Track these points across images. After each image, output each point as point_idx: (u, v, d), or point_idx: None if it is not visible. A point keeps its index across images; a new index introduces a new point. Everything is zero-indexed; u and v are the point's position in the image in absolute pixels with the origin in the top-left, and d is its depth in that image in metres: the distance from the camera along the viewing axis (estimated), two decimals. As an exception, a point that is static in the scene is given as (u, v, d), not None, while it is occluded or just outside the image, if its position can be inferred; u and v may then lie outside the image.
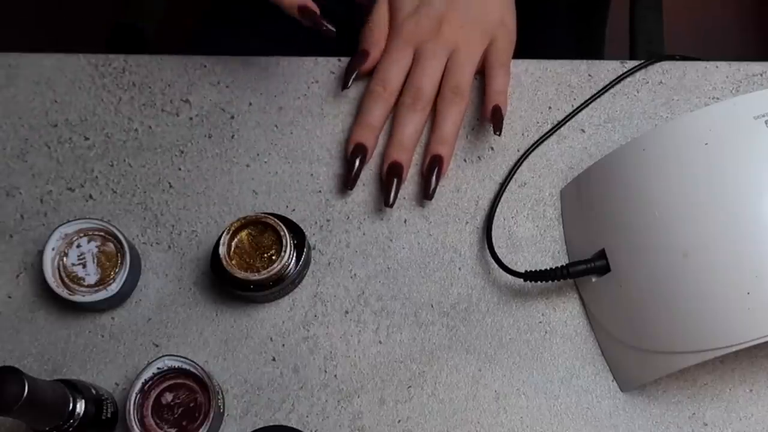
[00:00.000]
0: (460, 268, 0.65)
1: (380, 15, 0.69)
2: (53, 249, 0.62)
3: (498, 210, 0.65)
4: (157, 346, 0.64)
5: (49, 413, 0.54)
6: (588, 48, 0.96)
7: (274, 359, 0.63)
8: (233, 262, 0.60)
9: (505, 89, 0.66)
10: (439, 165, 0.65)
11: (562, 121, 0.68)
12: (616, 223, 0.60)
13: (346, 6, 0.79)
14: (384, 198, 0.65)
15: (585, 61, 0.70)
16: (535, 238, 0.65)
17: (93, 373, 0.63)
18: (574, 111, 0.68)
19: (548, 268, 0.61)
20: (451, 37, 0.67)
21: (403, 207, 0.66)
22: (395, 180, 0.65)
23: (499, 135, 0.64)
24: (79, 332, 0.64)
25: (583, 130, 0.68)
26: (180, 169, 0.68)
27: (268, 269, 0.60)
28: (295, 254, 0.61)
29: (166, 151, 0.68)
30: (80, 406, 0.56)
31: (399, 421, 0.62)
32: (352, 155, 0.66)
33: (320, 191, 0.67)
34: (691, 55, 0.70)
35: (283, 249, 0.60)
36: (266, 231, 0.62)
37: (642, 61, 0.69)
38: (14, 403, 0.47)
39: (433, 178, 0.65)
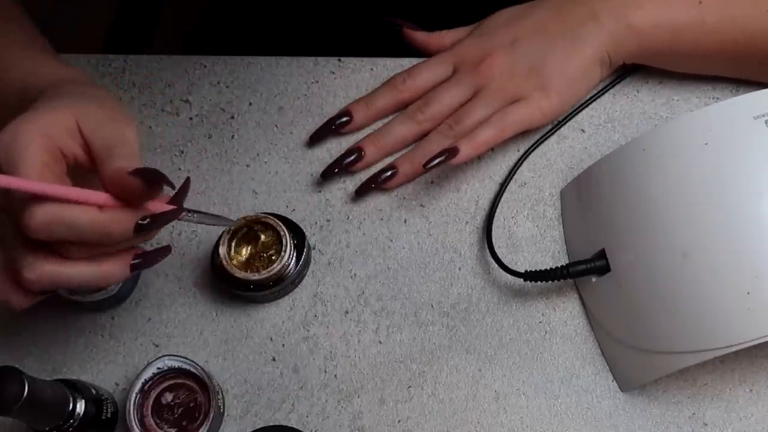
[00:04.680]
0: (460, 268, 0.65)
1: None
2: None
3: (498, 210, 0.65)
4: (157, 346, 0.64)
5: (49, 413, 0.54)
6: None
7: (274, 359, 0.63)
8: (233, 262, 0.60)
9: (479, 144, 0.63)
10: (388, 176, 0.65)
11: (562, 121, 0.68)
12: (616, 223, 0.60)
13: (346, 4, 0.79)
14: (327, 166, 0.66)
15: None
16: (535, 238, 0.65)
17: (93, 373, 0.63)
18: (574, 111, 0.68)
19: (548, 268, 0.61)
20: (485, 74, 0.65)
21: (403, 207, 0.66)
22: (346, 159, 0.65)
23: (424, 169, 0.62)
24: (79, 332, 0.64)
25: (583, 130, 0.68)
26: (180, 169, 0.68)
27: (268, 269, 0.60)
28: (295, 254, 0.61)
29: (166, 151, 0.68)
30: (80, 406, 0.56)
31: (399, 421, 0.62)
32: (335, 117, 0.66)
33: (320, 191, 0.67)
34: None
35: (283, 249, 0.60)
36: (266, 231, 0.62)
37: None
38: (14, 403, 0.47)
39: (376, 183, 0.65)
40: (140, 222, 0.47)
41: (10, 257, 0.48)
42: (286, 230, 0.61)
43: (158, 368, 0.59)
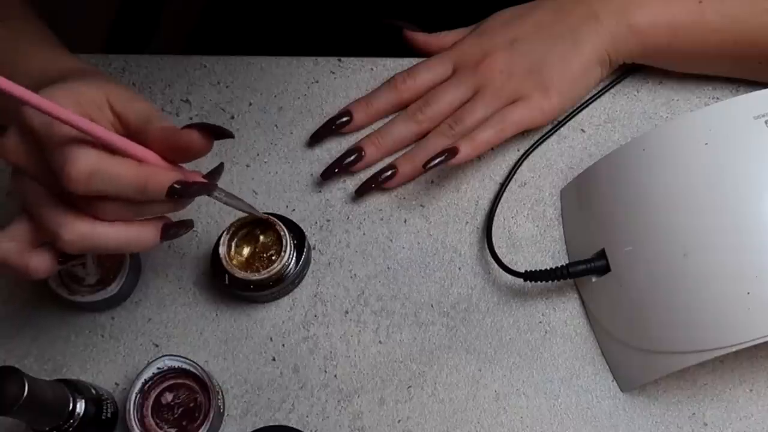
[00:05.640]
0: (460, 268, 0.65)
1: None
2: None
3: (498, 210, 0.65)
4: (157, 346, 0.64)
5: (49, 413, 0.54)
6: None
7: (274, 359, 0.63)
8: (233, 262, 0.60)
9: (479, 144, 0.62)
10: (388, 176, 0.65)
11: (562, 121, 0.68)
12: (616, 223, 0.60)
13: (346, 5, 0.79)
14: (327, 167, 0.66)
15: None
16: (535, 238, 0.65)
17: (93, 373, 0.63)
18: (574, 111, 0.68)
19: (548, 268, 0.61)
20: (484, 74, 0.65)
21: (403, 207, 0.66)
22: (346, 159, 0.65)
23: (424, 169, 0.62)
24: (79, 332, 0.64)
25: (583, 130, 0.68)
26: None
27: (268, 269, 0.60)
28: (295, 254, 0.61)
29: (166, 151, 0.68)
30: (80, 406, 0.56)
31: (399, 421, 0.62)
32: (336, 117, 0.66)
33: (320, 191, 0.67)
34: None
35: (283, 249, 0.60)
36: (266, 231, 0.62)
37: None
38: (14, 403, 0.47)
39: (376, 183, 0.65)
40: (174, 185, 0.48)
41: (43, 221, 0.48)
42: (286, 230, 0.61)
43: (158, 368, 0.59)
